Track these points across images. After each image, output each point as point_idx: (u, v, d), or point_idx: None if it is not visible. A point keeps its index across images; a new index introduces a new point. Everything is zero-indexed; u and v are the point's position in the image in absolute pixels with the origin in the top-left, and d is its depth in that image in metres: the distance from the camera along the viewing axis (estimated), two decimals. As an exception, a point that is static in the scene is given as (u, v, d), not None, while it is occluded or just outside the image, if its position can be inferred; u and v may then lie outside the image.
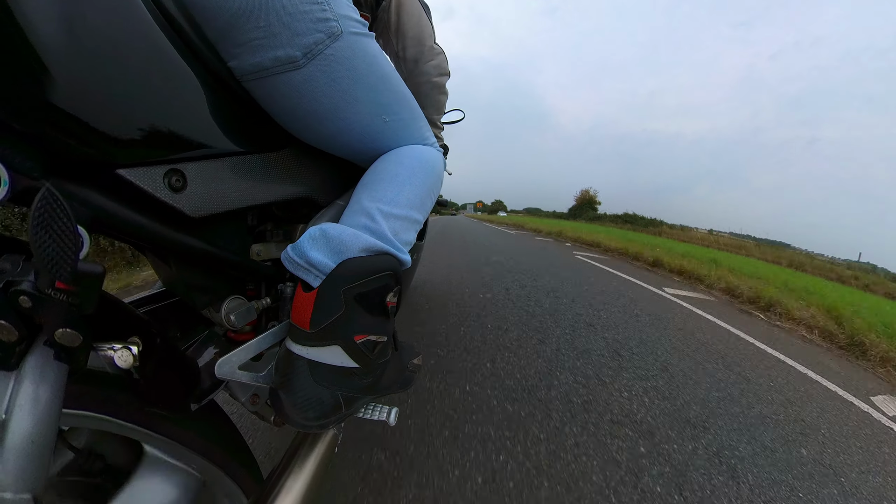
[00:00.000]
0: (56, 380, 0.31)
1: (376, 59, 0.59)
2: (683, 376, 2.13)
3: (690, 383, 2.05)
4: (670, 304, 4.09)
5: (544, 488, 1.15)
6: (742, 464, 1.42)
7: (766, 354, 2.88)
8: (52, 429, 0.31)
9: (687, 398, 1.86)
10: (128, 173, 0.39)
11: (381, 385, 0.62)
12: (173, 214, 0.44)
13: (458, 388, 1.66)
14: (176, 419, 0.46)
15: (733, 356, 2.67)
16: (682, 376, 2.12)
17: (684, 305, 4.08)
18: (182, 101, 0.43)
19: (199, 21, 0.46)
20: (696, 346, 2.73)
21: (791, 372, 2.59)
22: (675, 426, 1.59)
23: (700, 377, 2.17)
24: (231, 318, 0.55)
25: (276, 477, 0.52)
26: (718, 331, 3.30)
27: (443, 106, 1.24)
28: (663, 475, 1.28)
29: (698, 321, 3.52)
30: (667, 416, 1.67)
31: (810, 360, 2.93)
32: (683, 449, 1.45)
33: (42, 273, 0.29)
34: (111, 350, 0.36)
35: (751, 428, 1.70)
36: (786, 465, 1.48)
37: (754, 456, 1.49)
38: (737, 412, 1.82)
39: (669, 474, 1.29)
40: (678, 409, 1.75)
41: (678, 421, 1.64)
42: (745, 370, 2.43)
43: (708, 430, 1.61)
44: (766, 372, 2.48)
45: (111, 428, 0.40)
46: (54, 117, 0.32)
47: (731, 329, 3.41)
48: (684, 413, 1.71)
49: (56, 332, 0.30)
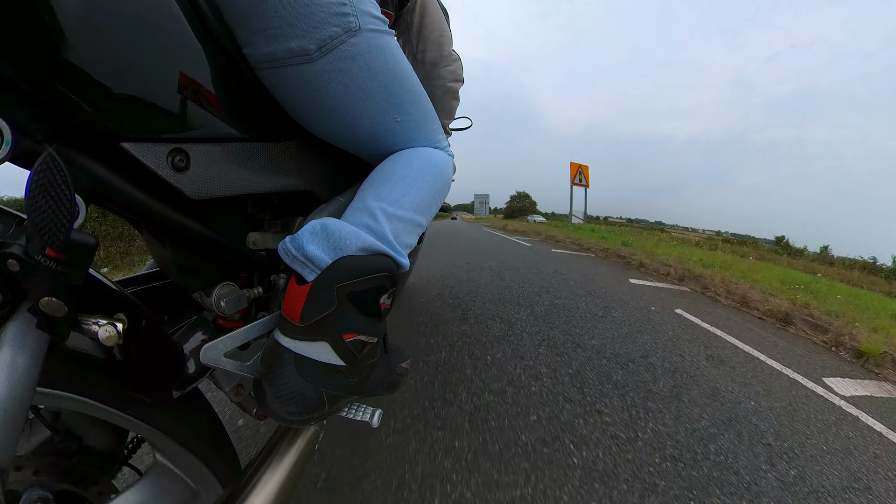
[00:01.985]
0: (36, 349, 0.30)
1: (393, 57, 0.59)
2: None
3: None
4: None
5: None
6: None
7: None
8: (25, 399, 0.30)
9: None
10: (132, 147, 0.38)
11: (367, 386, 0.61)
12: (173, 194, 0.43)
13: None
14: (156, 405, 0.45)
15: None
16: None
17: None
18: (194, 81, 0.43)
19: (219, 3, 0.46)
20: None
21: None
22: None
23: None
24: (221, 304, 0.54)
25: (254, 470, 0.51)
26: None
27: (454, 111, 1.26)
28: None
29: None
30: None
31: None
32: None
33: (33, 238, 0.28)
34: (95, 325, 0.36)
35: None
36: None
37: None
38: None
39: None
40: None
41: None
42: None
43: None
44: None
45: (89, 410, 0.39)
46: (65, 78, 0.32)
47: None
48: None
49: (41, 300, 0.30)
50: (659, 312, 3.18)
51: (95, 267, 0.38)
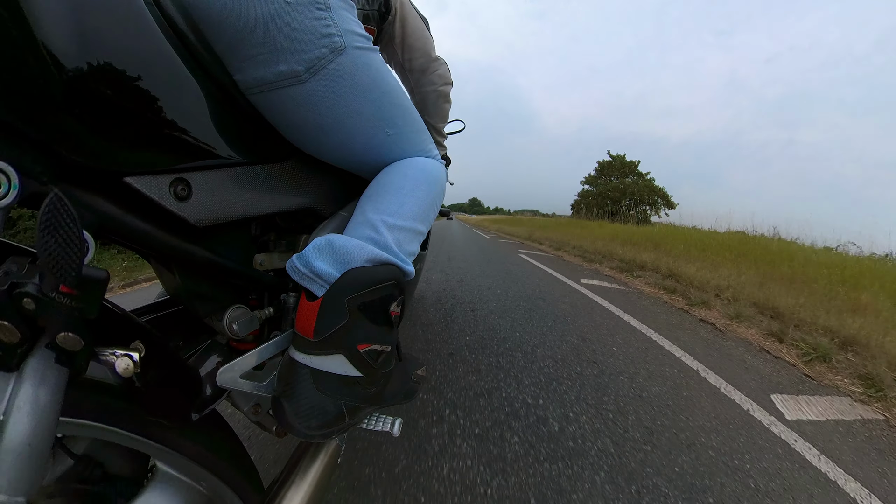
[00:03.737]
0: (56, 383, 0.31)
1: (380, 73, 0.60)
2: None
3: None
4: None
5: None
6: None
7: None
8: (49, 432, 0.30)
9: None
10: (135, 181, 0.39)
11: (385, 395, 0.61)
12: (178, 223, 0.44)
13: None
14: (177, 429, 0.46)
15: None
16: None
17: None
18: (189, 113, 0.44)
19: (207, 35, 0.48)
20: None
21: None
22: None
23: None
24: (234, 327, 0.55)
25: (278, 487, 0.52)
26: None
27: (447, 114, 1.27)
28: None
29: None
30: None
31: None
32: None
33: (47, 276, 0.29)
34: (112, 356, 0.36)
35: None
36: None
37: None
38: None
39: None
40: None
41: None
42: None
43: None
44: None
45: (111, 437, 0.40)
46: (65, 125, 0.33)
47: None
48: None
49: (58, 336, 0.30)
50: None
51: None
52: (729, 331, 2.61)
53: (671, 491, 1.07)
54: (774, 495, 1.09)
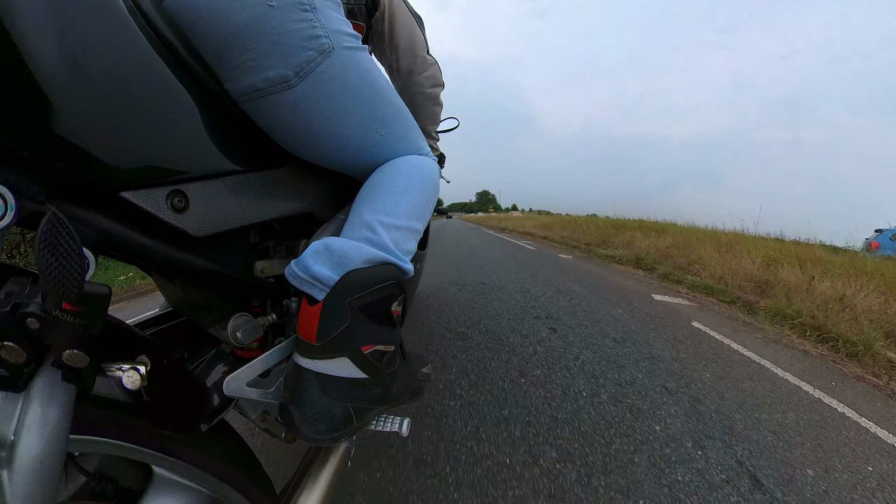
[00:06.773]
0: (64, 401, 0.31)
1: (370, 73, 0.60)
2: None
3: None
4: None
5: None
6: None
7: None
8: (60, 450, 0.30)
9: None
10: (131, 196, 0.39)
11: (392, 395, 0.61)
12: (177, 235, 0.44)
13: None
14: (186, 440, 0.46)
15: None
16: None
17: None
18: (181, 124, 0.44)
19: (196, 45, 0.48)
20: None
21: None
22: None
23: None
24: (237, 335, 0.55)
25: (290, 493, 0.52)
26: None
27: (437, 117, 1.23)
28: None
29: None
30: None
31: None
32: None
33: (49, 295, 0.29)
34: (119, 371, 0.36)
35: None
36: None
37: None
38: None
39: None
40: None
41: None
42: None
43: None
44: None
45: (122, 452, 0.40)
46: (59, 145, 0.33)
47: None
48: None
49: (63, 354, 0.30)
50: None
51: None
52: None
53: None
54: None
